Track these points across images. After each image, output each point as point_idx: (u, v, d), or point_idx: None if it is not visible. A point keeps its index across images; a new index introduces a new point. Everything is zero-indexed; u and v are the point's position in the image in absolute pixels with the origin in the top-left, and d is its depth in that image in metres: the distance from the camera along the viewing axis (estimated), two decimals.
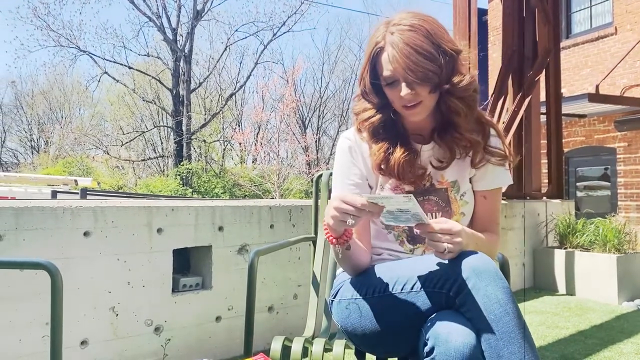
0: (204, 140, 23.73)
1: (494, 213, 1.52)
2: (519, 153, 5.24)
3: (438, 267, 1.23)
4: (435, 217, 1.43)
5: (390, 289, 1.29)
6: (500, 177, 1.51)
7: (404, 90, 1.32)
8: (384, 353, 1.44)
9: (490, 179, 1.50)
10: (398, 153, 1.41)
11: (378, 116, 1.43)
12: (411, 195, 1.18)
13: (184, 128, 22.04)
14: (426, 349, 1.15)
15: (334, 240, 1.29)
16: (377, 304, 1.30)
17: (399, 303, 1.26)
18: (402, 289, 1.27)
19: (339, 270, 1.58)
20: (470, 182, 1.50)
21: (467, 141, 1.42)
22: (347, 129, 1.58)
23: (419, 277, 1.25)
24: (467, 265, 1.19)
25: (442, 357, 1.11)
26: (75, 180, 14.54)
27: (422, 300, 1.23)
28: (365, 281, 1.36)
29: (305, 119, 25.13)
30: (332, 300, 1.49)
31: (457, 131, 1.42)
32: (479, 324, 1.14)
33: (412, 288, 1.25)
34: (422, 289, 1.23)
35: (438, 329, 1.15)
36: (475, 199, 1.50)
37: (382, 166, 1.43)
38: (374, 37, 1.38)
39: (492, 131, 1.49)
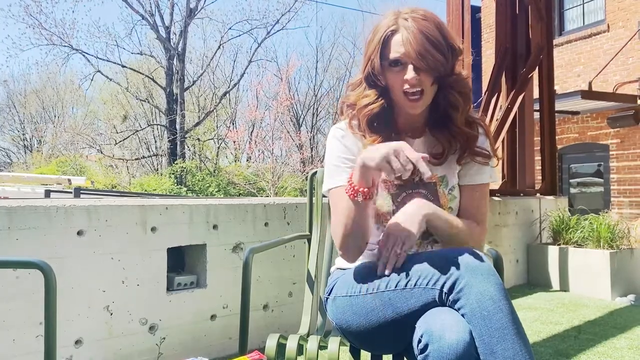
0: (198, 139, 23.66)
1: (480, 208, 1.52)
2: (512, 150, 5.27)
3: (432, 264, 1.24)
4: None
5: (384, 286, 1.29)
6: (485, 174, 1.52)
7: (410, 74, 1.35)
8: (379, 350, 1.44)
9: (474, 175, 1.52)
10: None
11: (378, 102, 1.44)
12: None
13: (177, 127, 21.97)
14: (420, 345, 1.16)
15: (365, 190, 1.28)
16: (371, 301, 1.31)
17: (392, 300, 1.26)
18: (396, 286, 1.27)
19: (333, 267, 1.59)
20: (457, 177, 1.52)
21: (464, 134, 1.46)
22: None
23: (412, 274, 1.25)
24: (461, 262, 1.20)
25: (436, 354, 1.12)
26: (69, 180, 14.48)
27: (416, 297, 1.23)
28: (360, 278, 1.37)
29: (300, 117, 25.09)
30: (327, 298, 1.50)
31: (454, 125, 1.45)
32: (472, 320, 1.14)
33: (406, 285, 1.25)
34: (415, 286, 1.24)
35: (432, 326, 1.15)
36: (461, 193, 1.52)
37: None
38: (384, 23, 1.41)
39: (480, 129, 1.52)
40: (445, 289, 1.19)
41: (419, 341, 1.16)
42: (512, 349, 1.11)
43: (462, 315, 1.16)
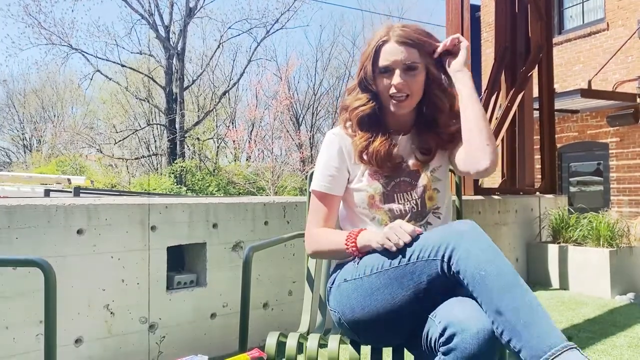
0: (198, 138, 23.63)
1: None
2: (512, 149, 5.27)
3: (429, 238, 1.31)
4: (410, 195, 1.56)
5: (388, 265, 1.35)
6: None
7: (397, 79, 1.50)
8: (380, 341, 1.47)
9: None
10: (377, 143, 1.55)
11: (369, 105, 1.58)
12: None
13: (177, 126, 21.94)
14: (442, 339, 1.19)
15: (357, 252, 1.44)
16: (376, 280, 1.36)
17: (398, 276, 1.32)
18: (399, 263, 1.33)
19: (334, 264, 1.61)
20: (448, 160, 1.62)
21: (448, 135, 1.59)
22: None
23: (413, 249, 1.32)
24: (456, 231, 1.29)
25: (462, 345, 1.16)
26: (69, 179, 14.46)
27: (419, 270, 1.30)
28: (364, 261, 1.42)
29: (299, 116, 25.06)
30: (330, 288, 1.52)
31: (439, 127, 1.59)
32: (475, 286, 1.21)
33: (409, 260, 1.31)
34: (418, 259, 1.30)
35: (453, 317, 1.20)
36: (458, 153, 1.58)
37: (364, 155, 1.56)
38: (377, 34, 1.56)
39: None
40: (445, 258, 1.25)
41: (441, 334, 1.20)
42: (512, 301, 1.16)
43: (467, 284, 1.22)
